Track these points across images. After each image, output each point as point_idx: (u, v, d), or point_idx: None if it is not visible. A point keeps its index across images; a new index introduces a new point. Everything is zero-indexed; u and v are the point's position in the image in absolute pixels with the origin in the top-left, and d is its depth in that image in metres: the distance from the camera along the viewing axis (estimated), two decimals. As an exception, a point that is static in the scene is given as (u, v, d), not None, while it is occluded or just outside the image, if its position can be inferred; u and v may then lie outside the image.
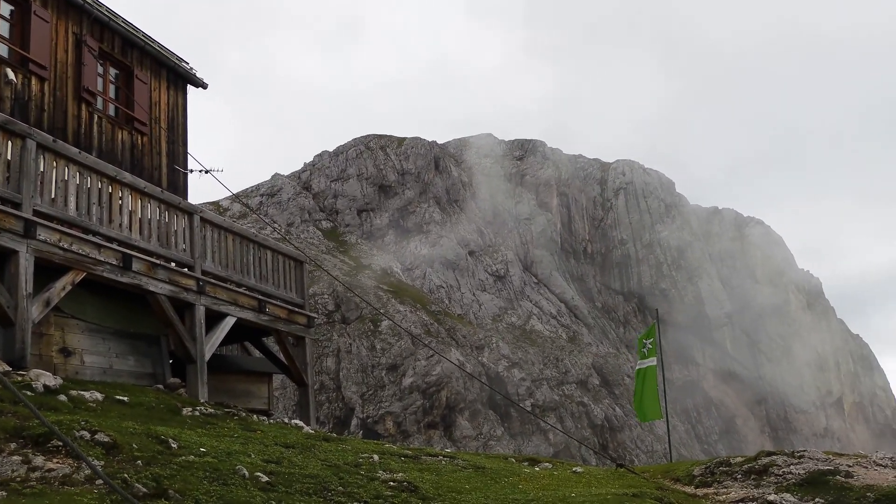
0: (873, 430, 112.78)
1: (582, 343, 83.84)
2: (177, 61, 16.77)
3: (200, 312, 12.75)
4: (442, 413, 62.26)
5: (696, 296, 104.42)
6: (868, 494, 9.08)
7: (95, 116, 14.57)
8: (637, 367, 18.08)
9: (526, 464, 11.96)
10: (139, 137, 15.56)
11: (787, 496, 9.44)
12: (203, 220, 13.43)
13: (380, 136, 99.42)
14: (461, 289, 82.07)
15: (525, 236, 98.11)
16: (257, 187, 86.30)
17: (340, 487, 7.70)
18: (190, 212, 13.19)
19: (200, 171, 16.84)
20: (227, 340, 14.99)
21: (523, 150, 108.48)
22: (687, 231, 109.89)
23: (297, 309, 15.56)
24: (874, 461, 11.27)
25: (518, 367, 70.59)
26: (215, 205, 72.48)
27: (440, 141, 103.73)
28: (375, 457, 9.63)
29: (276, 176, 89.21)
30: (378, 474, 8.68)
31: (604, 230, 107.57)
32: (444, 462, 10.60)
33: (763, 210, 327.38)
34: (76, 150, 11.52)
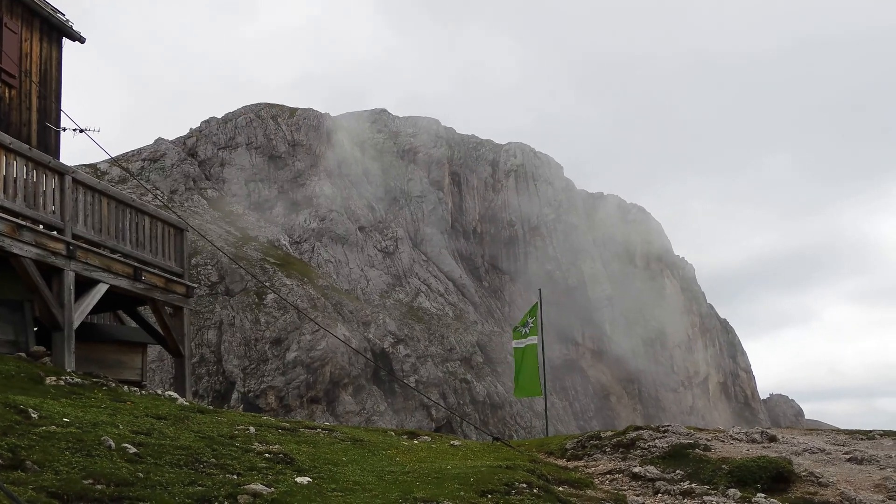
0: (734, 408, 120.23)
1: (468, 321, 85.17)
2: (52, 11, 15.73)
3: (70, 278, 12.11)
4: (325, 388, 61.94)
5: (579, 278, 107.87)
6: (723, 466, 9.69)
7: (-44, 64, 13.53)
8: (515, 346, 18.46)
9: (405, 437, 12.07)
10: (6, 90, 14.54)
11: (651, 468, 9.94)
12: (76, 181, 12.72)
13: (271, 105, 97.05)
14: (350, 264, 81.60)
15: (416, 214, 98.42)
16: (139, 151, 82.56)
17: (213, 459, 7.53)
18: (61, 172, 12.46)
19: (75, 131, 15.89)
20: (98, 308, 14.33)
21: (417, 128, 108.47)
22: (573, 215, 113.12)
23: (175, 278, 15.03)
24: (730, 436, 12.03)
25: (404, 344, 71.01)
26: (92, 168, 68.92)
27: (333, 114, 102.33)
28: (252, 429, 9.47)
29: (159, 140, 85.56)
30: (253, 446, 8.54)
31: (493, 211, 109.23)
32: (322, 434, 10.55)
33: (644, 198, 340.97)
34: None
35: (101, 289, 12.87)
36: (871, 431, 12.86)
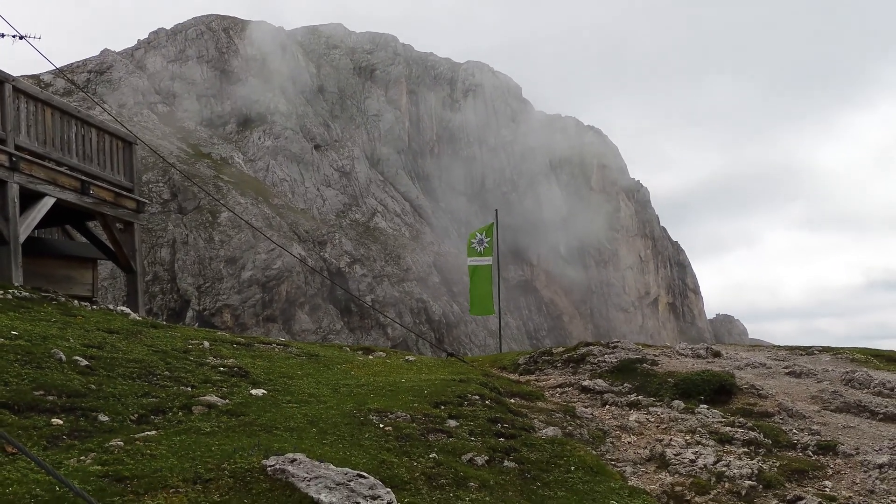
0: (682, 328, 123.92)
1: (424, 242, 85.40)
2: None
3: (14, 191, 11.74)
4: (281, 307, 62.04)
5: (535, 199, 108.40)
6: (669, 380, 10.02)
7: None
8: (470, 263, 18.56)
9: (360, 353, 12.20)
10: (-62, -9, 13.75)
11: (600, 381, 10.23)
12: (16, 89, 12.19)
13: (223, 16, 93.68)
14: (305, 183, 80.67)
15: (373, 133, 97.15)
16: (84, 63, 79.42)
17: (167, 372, 7.53)
18: (0, 79, 11.93)
19: (14, 37, 15.15)
20: (46, 223, 13.98)
21: (374, 45, 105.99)
22: (531, 136, 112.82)
23: (125, 192, 14.67)
24: (677, 351, 12.41)
25: (360, 264, 71.13)
26: (35, 79, 66.20)
27: (287, 28, 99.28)
28: (206, 343, 9.46)
29: (105, 52, 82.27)
30: (208, 360, 8.55)
31: (451, 131, 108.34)
32: (277, 350, 10.60)
33: (600, 119, 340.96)
34: None
35: (47, 202, 12.52)
36: (810, 347, 13.38)
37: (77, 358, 7.05)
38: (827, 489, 7.01)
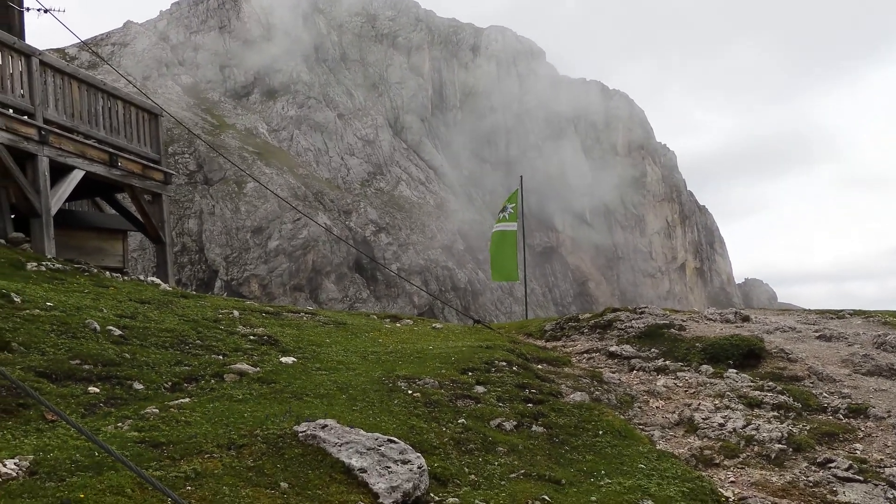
0: (710, 293, 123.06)
1: (448, 209, 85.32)
2: None
3: (44, 164, 11.89)
4: (308, 276, 62.52)
5: (560, 165, 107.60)
6: (697, 344, 9.98)
7: None
8: (496, 230, 18.47)
9: (387, 321, 12.27)
10: (-37, -34, 13.82)
11: (627, 347, 10.23)
12: (43, 63, 12.28)
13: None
14: (329, 152, 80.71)
15: (396, 101, 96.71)
16: (107, 35, 79.71)
17: (198, 341, 7.64)
18: (27, 53, 12.00)
19: (39, 11, 15.24)
20: (76, 196, 14.17)
21: (396, 11, 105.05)
22: (555, 101, 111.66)
23: (152, 164, 14.80)
24: (705, 316, 12.34)
25: (385, 232, 71.32)
26: (60, 52, 66.60)
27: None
28: (235, 312, 9.57)
29: (128, 24, 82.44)
30: (238, 329, 8.66)
31: (474, 97, 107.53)
32: (305, 318, 10.70)
33: (626, 84, 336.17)
34: None
35: (76, 175, 12.67)
36: (840, 311, 13.23)
37: (111, 328, 7.18)
38: (857, 452, 6.98)
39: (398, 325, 11.76)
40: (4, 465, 4.13)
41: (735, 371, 9.10)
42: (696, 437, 7.21)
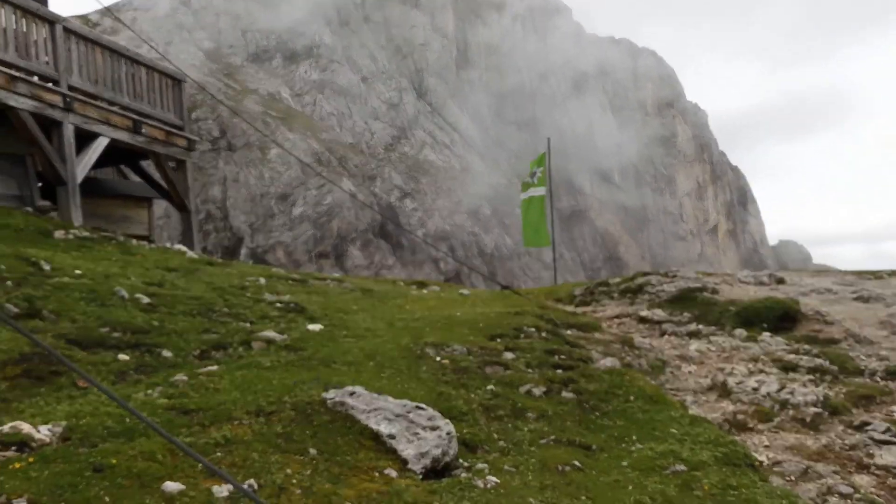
0: (742, 255, 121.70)
1: (474, 173, 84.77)
2: None
3: (69, 131, 11.89)
4: (333, 243, 62.66)
5: (588, 126, 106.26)
6: (730, 308, 9.80)
7: None
8: (523, 196, 18.27)
9: (414, 287, 12.23)
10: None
11: (658, 311, 10.07)
12: (67, 30, 12.22)
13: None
14: (353, 116, 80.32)
15: (420, 63, 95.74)
16: (130, 0, 79.51)
17: (225, 309, 7.63)
18: (51, 20, 11.95)
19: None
20: (101, 163, 14.19)
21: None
22: (583, 61, 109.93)
23: (176, 130, 14.76)
24: (739, 279, 12.12)
25: (410, 198, 71.15)
26: (82, 19, 66.65)
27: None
28: (262, 280, 9.56)
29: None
30: (265, 296, 8.65)
31: (500, 58, 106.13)
32: (331, 285, 10.67)
33: (655, 42, 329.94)
34: None
35: (101, 142, 12.67)
36: (878, 271, 12.92)
37: (139, 295, 7.18)
38: (895, 414, 6.83)
39: (425, 291, 11.70)
40: (38, 431, 4.17)
41: (770, 334, 8.93)
42: (729, 402, 7.09)
